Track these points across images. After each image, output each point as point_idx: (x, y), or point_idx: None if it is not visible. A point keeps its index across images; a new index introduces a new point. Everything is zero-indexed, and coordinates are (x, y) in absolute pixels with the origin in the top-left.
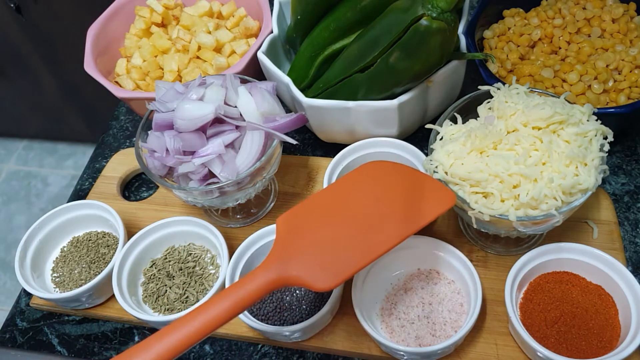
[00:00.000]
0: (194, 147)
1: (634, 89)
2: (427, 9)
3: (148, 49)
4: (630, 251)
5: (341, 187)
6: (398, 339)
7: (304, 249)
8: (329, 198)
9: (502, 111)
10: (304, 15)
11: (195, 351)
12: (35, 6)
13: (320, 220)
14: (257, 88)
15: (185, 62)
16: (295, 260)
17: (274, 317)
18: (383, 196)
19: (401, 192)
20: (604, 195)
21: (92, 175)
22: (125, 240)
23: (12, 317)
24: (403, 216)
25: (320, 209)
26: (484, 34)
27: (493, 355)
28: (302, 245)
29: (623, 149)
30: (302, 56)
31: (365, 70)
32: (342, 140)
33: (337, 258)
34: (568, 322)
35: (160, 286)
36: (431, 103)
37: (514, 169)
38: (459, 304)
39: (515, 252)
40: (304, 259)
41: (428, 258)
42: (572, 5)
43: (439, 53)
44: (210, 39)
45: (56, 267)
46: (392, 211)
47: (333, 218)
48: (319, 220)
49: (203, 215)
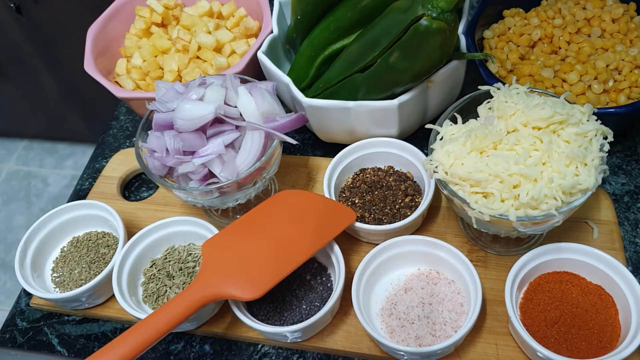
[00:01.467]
0: (194, 147)
1: (634, 89)
2: (427, 9)
3: (148, 49)
4: (630, 251)
5: (259, 214)
6: (398, 339)
7: (229, 268)
8: (249, 223)
9: (502, 111)
10: (304, 15)
11: (195, 351)
12: (35, 6)
13: (242, 242)
14: (257, 88)
15: (185, 62)
16: (222, 277)
17: (274, 317)
18: (295, 219)
19: (310, 215)
20: (604, 195)
21: (92, 175)
22: (125, 240)
23: (12, 317)
24: (313, 234)
25: (242, 233)
26: (484, 34)
27: (493, 355)
28: (228, 264)
29: (623, 149)
30: (302, 56)
31: (365, 70)
32: (342, 140)
33: (260, 272)
34: (568, 322)
35: (160, 286)
36: (431, 103)
37: (514, 169)
38: (459, 304)
39: (515, 252)
40: (230, 276)
41: (428, 258)
42: (572, 5)
43: (439, 53)
44: (210, 39)
45: (56, 267)
46: (303, 230)
47: (254, 239)
48: (241, 242)
49: (203, 215)
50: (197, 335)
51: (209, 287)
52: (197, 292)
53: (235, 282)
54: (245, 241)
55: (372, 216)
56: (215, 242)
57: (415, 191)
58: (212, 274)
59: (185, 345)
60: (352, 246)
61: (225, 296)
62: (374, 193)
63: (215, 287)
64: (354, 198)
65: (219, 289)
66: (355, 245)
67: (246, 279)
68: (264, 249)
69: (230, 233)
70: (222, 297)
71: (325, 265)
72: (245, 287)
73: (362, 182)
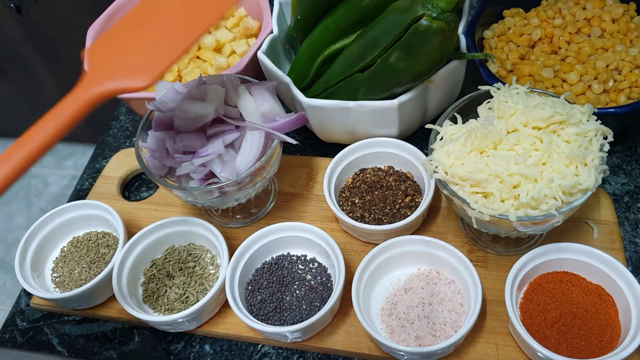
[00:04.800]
0: (194, 147)
1: (634, 89)
2: (427, 9)
3: None
4: (630, 251)
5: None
6: (398, 339)
7: (116, 63)
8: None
9: (502, 111)
10: (304, 15)
11: (195, 351)
12: (35, 6)
13: (128, 37)
14: (257, 88)
15: (185, 62)
16: (109, 72)
17: (274, 317)
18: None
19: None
20: (604, 195)
21: (92, 175)
22: (125, 240)
23: (12, 317)
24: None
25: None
26: (484, 34)
27: (493, 355)
28: (114, 60)
29: (623, 149)
30: (302, 56)
31: (365, 70)
32: (342, 140)
33: (148, 60)
34: (568, 322)
35: (160, 286)
36: (431, 103)
37: (514, 169)
38: (459, 304)
39: (515, 252)
40: (117, 70)
41: (428, 258)
42: (572, 5)
43: (439, 53)
44: (210, 39)
45: (56, 267)
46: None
47: (139, 32)
48: (124, 39)
49: (203, 215)
50: (197, 335)
51: (96, 84)
52: (83, 92)
53: (124, 73)
54: (129, 39)
55: (372, 216)
56: (98, 45)
57: (415, 191)
58: (97, 71)
59: (185, 345)
60: (352, 246)
61: (116, 90)
62: (374, 193)
63: (103, 82)
64: (354, 198)
65: (107, 83)
66: (355, 245)
67: (135, 69)
68: (149, 41)
69: (112, 35)
70: (112, 92)
71: (325, 266)
72: (135, 76)
73: (362, 182)
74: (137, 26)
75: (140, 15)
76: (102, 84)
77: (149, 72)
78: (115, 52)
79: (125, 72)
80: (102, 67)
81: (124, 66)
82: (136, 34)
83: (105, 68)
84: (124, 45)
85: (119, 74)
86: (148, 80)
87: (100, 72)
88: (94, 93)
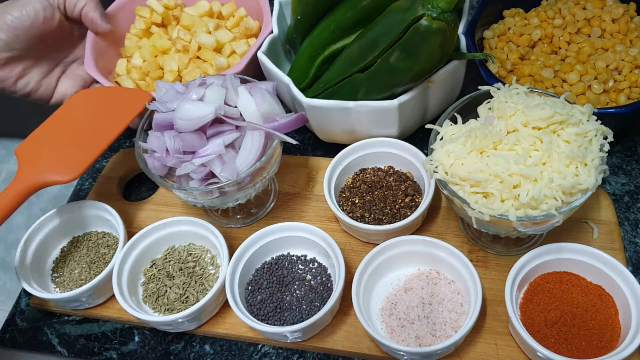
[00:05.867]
0: (194, 147)
1: (634, 89)
2: (427, 9)
3: (148, 49)
4: (630, 251)
5: (61, 116)
6: (398, 339)
7: (44, 161)
8: (54, 125)
9: (502, 111)
10: (304, 15)
11: (195, 351)
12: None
13: (52, 140)
14: (257, 88)
15: (185, 62)
16: (39, 169)
17: (274, 317)
18: (95, 112)
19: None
20: (604, 195)
21: (92, 175)
22: (125, 240)
23: (12, 317)
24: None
25: (50, 134)
26: (484, 34)
27: (493, 355)
28: (43, 158)
29: (623, 149)
30: (302, 56)
31: (365, 70)
32: (342, 140)
33: (72, 158)
34: (568, 322)
35: (160, 286)
36: (431, 103)
37: (514, 169)
38: (459, 304)
39: (515, 252)
40: (46, 166)
41: (428, 258)
42: (572, 5)
43: (439, 53)
44: (210, 39)
45: (56, 267)
46: (105, 118)
47: (61, 136)
48: (51, 140)
49: (203, 215)
50: (197, 335)
51: (28, 179)
52: (18, 185)
53: (52, 169)
54: (54, 139)
55: (372, 216)
56: (27, 145)
57: (415, 191)
58: (29, 168)
59: (185, 345)
60: (352, 246)
61: (46, 183)
62: (374, 193)
63: (34, 177)
64: (354, 198)
65: (38, 178)
66: (355, 245)
67: (61, 166)
68: (73, 141)
69: (39, 136)
70: (42, 184)
71: (325, 266)
72: (62, 171)
73: (362, 182)
74: (60, 128)
75: (62, 117)
76: (35, 178)
77: (73, 168)
78: (42, 151)
79: (52, 169)
80: (31, 164)
81: (51, 164)
82: (59, 134)
83: (33, 165)
84: (49, 144)
85: (48, 170)
86: (72, 175)
87: (29, 169)
88: (24, 187)
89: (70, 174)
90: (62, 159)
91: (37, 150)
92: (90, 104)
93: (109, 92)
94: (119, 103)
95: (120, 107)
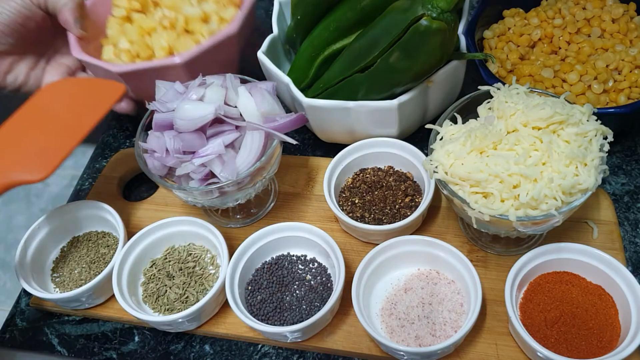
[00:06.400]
0: (194, 147)
1: (634, 89)
2: (427, 9)
3: (134, 30)
4: (630, 251)
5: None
6: (398, 339)
7: (13, 159)
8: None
9: (502, 111)
10: (304, 15)
11: (195, 351)
12: None
13: (20, 134)
14: (257, 88)
15: (174, 38)
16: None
17: (274, 317)
18: (67, 104)
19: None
20: (604, 195)
21: (92, 175)
22: (125, 240)
23: (12, 317)
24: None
25: (19, 127)
26: (484, 34)
27: (493, 355)
28: (11, 157)
29: (623, 149)
30: (302, 56)
31: (365, 70)
32: (342, 140)
33: (44, 155)
34: (568, 322)
35: (160, 286)
36: (431, 103)
37: (514, 169)
38: (459, 304)
39: (515, 252)
40: (15, 165)
41: (428, 258)
42: (572, 5)
43: (439, 53)
44: (197, 9)
45: (56, 267)
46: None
47: (32, 129)
48: (20, 135)
49: (203, 215)
50: (197, 335)
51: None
52: None
53: (21, 168)
54: (21, 135)
55: (372, 216)
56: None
57: (415, 191)
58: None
59: (185, 345)
60: (352, 246)
61: (14, 183)
62: (374, 193)
63: (2, 177)
64: (354, 198)
65: (4, 178)
66: (355, 245)
67: (31, 164)
68: (43, 136)
69: (4, 132)
70: (10, 184)
71: (325, 266)
72: (32, 170)
73: (362, 182)
74: (28, 123)
75: (30, 112)
76: (3, 178)
77: (44, 166)
78: (8, 148)
79: (21, 167)
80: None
81: (18, 162)
82: (27, 130)
83: (3, 165)
84: (16, 141)
85: (15, 169)
86: (43, 173)
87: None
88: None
89: (42, 172)
90: (32, 156)
91: (3, 147)
92: (61, 97)
93: (81, 84)
94: (92, 95)
95: (93, 99)
